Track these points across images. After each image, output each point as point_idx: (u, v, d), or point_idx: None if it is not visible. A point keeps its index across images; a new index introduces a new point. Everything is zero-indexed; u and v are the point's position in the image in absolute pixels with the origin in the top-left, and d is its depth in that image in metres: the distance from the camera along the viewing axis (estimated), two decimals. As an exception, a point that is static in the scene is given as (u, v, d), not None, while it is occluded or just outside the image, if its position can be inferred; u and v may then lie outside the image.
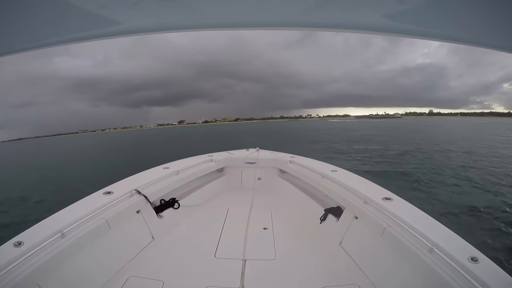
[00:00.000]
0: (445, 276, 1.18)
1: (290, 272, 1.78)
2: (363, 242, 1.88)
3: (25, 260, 1.24)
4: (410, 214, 1.62)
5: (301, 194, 2.94)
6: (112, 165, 15.55)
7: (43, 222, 1.55)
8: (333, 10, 0.66)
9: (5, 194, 9.02)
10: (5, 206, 7.63)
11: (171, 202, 2.58)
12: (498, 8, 0.54)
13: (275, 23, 0.74)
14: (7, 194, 9.09)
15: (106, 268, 1.69)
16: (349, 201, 2.08)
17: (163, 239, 2.18)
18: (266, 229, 2.37)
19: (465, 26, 0.65)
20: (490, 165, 10.21)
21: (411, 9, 0.60)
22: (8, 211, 7.23)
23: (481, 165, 10.27)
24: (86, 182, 9.61)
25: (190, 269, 1.81)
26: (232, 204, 2.99)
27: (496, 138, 22.82)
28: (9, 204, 7.89)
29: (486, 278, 1.07)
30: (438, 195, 6.50)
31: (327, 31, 0.73)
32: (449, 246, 1.28)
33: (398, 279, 1.50)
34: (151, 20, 0.71)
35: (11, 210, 7.34)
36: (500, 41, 0.67)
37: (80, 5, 0.61)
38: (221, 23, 0.74)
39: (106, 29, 0.72)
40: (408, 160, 12.07)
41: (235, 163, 3.65)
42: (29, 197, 8.47)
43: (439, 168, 9.75)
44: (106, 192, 2.02)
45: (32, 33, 0.70)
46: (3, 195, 8.90)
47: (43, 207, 7.10)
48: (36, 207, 7.40)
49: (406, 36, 0.74)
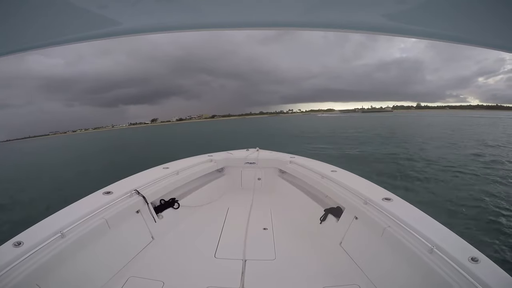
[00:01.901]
0: (445, 276, 1.18)
1: (290, 272, 1.78)
2: (363, 242, 1.88)
3: (25, 260, 1.24)
4: (410, 215, 1.62)
5: (301, 194, 2.94)
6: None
7: (43, 222, 1.55)
8: (333, 10, 0.66)
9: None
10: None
11: (171, 202, 2.58)
12: (497, 8, 0.54)
13: (275, 23, 0.74)
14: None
15: (106, 268, 1.69)
16: (349, 201, 2.08)
17: (163, 239, 2.18)
18: (266, 229, 2.37)
19: (465, 26, 0.65)
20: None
21: (411, 9, 0.60)
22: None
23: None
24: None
25: (190, 269, 1.81)
26: (232, 204, 2.99)
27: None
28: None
29: (486, 278, 1.07)
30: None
31: (327, 31, 0.73)
32: (449, 246, 1.28)
33: (398, 279, 1.50)
34: (151, 20, 0.71)
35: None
36: (500, 41, 0.67)
37: (80, 5, 0.61)
38: (221, 23, 0.74)
39: (106, 29, 0.72)
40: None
41: (235, 163, 3.65)
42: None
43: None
44: (105, 192, 2.01)
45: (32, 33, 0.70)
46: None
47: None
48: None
49: (406, 36, 0.74)
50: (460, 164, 9.36)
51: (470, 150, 12.61)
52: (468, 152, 11.91)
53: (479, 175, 7.79)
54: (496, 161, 9.82)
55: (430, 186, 6.93)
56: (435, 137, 19.48)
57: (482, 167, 8.80)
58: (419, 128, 32.33)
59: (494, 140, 16.06)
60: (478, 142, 15.64)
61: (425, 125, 36.52)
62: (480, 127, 29.46)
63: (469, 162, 9.78)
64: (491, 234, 4.15)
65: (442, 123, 40.04)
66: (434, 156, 10.98)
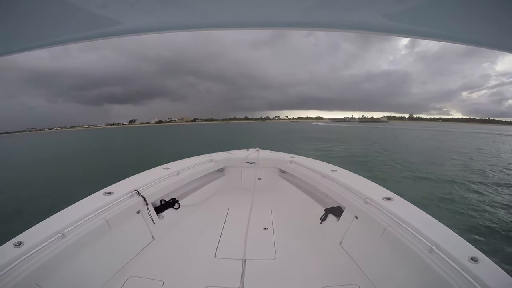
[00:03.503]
0: (445, 276, 1.18)
1: (290, 272, 1.78)
2: (363, 242, 1.88)
3: (25, 260, 1.25)
4: (411, 214, 1.62)
5: (301, 194, 2.94)
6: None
7: (44, 222, 1.55)
8: (333, 10, 0.66)
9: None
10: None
11: (171, 202, 2.58)
12: (497, 8, 0.54)
13: (275, 23, 0.74)
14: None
15: (106, 268, 1.69)
16: (349, 201, 2.08)
17: (163, 239, 2.18)
18: (266, 229, 2.37)
19: (465, 26, 0.65)
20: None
21: (411, 9, 0.60)
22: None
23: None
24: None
25: (190, 269, 1.81)
26: (232, 204, 2.99)
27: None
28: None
29: (486, 278, 1.07)
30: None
31: (327, 31, 0.73)
32: (449, 246, 1.28)
33: (398, 279, 1.50)
34: (151, 20, 0.71)
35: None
36: (500, 41, 0.67)
37: (80, 5, 0.61)
38: (221, 23, 0.74)
39: (106, 29, 0.72)
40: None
41: (235, 163, 3.65)
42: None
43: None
44: (106, 192, 2.02)
45: (33, 33, 0.71)
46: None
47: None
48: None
49: (406, 36, 0.74)
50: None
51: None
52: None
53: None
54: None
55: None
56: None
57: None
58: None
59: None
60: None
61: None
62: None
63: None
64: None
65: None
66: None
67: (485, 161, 13.78)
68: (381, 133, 43.87)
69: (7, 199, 7.86)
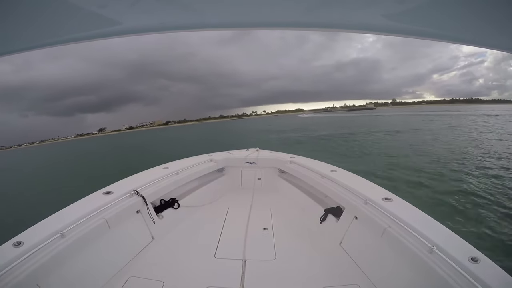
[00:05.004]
0: (445, 276, 1.18)
1: (290, 272, 1.78)
2: (363, 242, 1.88)
3: (25, 260, 1.24)
4: (410, 215, 1.62)
5: (301, 194, 2.94)
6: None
7: (43, 222, 1.55)
8: (333, 10, 0.66)
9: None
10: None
11: (171, 202, 2.58)
12: (497, 8, 0.54)
13: (275, 23, 0.74)
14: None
15: (106, 268, 1.69)
16: (349, 201, 2.08)
17: (163, 239, 2.18)
18: (266, 229, 2.37)
19: (465, 26, 0.65)
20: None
21: (411, 9, 0.60)
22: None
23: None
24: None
25: (190, 269, 1.81)
26: (232, 204, 2.99)
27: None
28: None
29: (486, 278, 1.07)
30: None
31: (327, 31, 0.73)
32: (449, 246, 1.28)
33: (398, 279, 1.50)
34: (151, 20, 0.71)
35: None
36: (499, 41, 0.67)
37: (80, 5, 0.61)
38: (221, 23, 0.74)
39: (106, 29, 0.72)
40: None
41: (235, 163, 3.65)
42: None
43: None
44: (105, 192, 2.01)
45: (33, 33, 0.70)
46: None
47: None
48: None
49: (406, 36, 0.74)
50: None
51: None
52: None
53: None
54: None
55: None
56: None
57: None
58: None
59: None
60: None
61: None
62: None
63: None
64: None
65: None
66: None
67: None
68: (393, 121, 38.02)
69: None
